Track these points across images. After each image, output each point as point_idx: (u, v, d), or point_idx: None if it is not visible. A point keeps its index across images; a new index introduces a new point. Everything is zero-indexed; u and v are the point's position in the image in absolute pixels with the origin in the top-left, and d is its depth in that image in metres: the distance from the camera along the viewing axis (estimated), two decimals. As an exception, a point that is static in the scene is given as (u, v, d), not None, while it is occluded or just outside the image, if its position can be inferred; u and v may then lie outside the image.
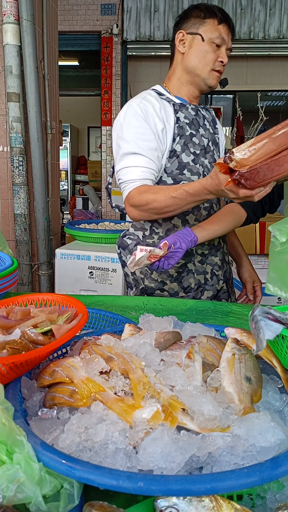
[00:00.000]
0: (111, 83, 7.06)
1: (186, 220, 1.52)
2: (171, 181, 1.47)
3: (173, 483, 0.47)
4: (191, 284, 1.57)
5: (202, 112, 1.58)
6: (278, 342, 0.70)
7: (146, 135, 1.40)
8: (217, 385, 0.69)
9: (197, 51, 1.45)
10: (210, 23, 1.43)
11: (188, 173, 1.48)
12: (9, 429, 0.54)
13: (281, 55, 6.98)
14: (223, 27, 1.44)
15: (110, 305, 1.39)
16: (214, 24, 1.43)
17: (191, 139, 1.49)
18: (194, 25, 1.45)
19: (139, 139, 1.39)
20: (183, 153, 1.47)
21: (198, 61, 1.46)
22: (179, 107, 1.50)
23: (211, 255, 1.59)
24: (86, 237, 2.89)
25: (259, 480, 0.48)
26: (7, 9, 2.57)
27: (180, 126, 1.47)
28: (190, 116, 1.51)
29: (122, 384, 0.66)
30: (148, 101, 1.45)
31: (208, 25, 1.43)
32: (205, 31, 1.43)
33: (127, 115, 1.43)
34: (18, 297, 1.01)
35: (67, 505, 0.50)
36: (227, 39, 1.45)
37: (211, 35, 1.43)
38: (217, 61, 1.45)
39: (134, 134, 1.40)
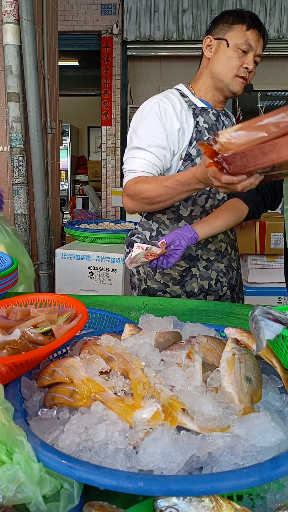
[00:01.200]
0: (111, 83, 7.06)
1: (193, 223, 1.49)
2: None
3: (173, 483, 0.47)
4: (194, 289, 1.57)
5: (222, 118, 1.56)
6: (278, 342, 0.70)
7: (158, 133, 1.41)
8: (217, 385, 0.69)
9: (221, 56, 1.44)
10: (238, 28, 1.41)
11: None
12: (9, 429, 0.54)
13: (281, 55, 6.98)
14: (252, 33, 1.41)
15: (110, 305, 1.39)
16: (242, 29, 1.41)
17: None
18: (222, 30, 1.44)
19: (150, 136, 1.41)
20: (198, 157, 1.46)
21: (222, 67, 1.45)
22: (199, 111, 1.49)
23: (217, 261, 1.57)
24: (86, 237, 2.89)
25: (259, 480, 0.48)
26: (7, 9, 2.57)
27: (198, 131, 1.47)
28: (210, 121, 1.50)
29: (122, 384, 0.66)
30: (169, 99, 1.45)
31: (235, 31, 1.41)
32: (232, 36, 1.42)
33: (145, 111, 1.45)
34: (18, 297, 1.01)
35: (67, 505, 0.50)
36: (255, 45, 1.42)
37: (237, 40, 1.41)
38: (242, 67, 1.43)
39: (147, 130, 1.42)
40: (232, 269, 1.64)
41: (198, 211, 1.51)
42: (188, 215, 1.51)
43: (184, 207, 1.51)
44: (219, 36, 1.45)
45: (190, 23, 6.63)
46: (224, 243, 1.58)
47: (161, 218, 1.55)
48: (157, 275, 1.57)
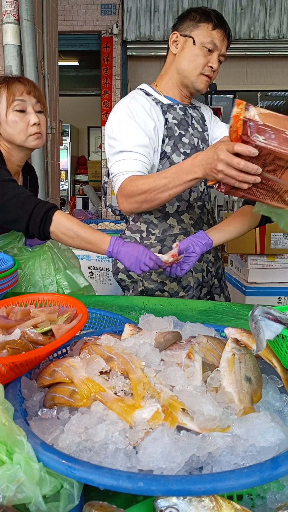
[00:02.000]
0: (111, 83, 7.06)
1: (181, 219, 1.53)
2: None
3: (173, 483, 0.47)
4: (190, 283, 1.58)
5: (190, 111, 1.58)
6: (278, 342, 0.70)
7: (137, 133, 1.40)
8: (217, 385, 0.69)
9: (187, 53, 1.45)
10: (204, 27, 1.42)
11: None
12: (9, 429, 0.54)
13: (281, 55, 6.98)
14: (218, 32, 1.43)
15: (110, 305, 1.39)
16: (208, 28, 1.42)
17: (181, 139, 1.49)
18: (188, 27, 1.45)
19: (130, 138, 1.39)
20: (173, 153, 1.48)
21: (187, 64, 1.46)
22: (167, 108, 1.50)
23: (206, 253, 1.59)
24: (86, 237, 2.88)
25: (259, 480, 0.48)
26: (7, 9, 2.57)
27: (169, 127, 1.48)
28: (178, 116, 1.51)
29: (122, 384, 0.66)
30: (137, 100, 1.46)
31: (201, 29, 1.43)
32: (198, 34, 1.43)
33: (117, 115, 1.44)
34: (18, 297, 1.01)
35: (67, 505, 0.50)
36: (220, 45, 1.44)
37: (203, 39, 1.42)
38: (207, 65, 1.44)
39: (125, 133, 1.41)
40: (219, 259, 1.69)
41: (184, 206, 1.52)
42: (175, 211, 1.51)
43: (170, 204, 1.50)
44: (186, 33, 1.45)
45: (190, 23, 6.63)
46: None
47: (149, 218, 1.54)
48: (153, 275, 1.57)
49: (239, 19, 6.62)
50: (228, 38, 1.47)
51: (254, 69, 7.27)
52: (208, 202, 1.63)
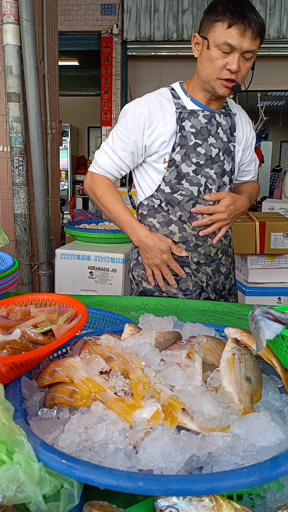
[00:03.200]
0: (111, 83, 7.06)
1: (183, 228, 1.50)
2: (168, 190, 1.47)
3: (173, 483, 0.47)
4: (189, 287, 1.56)
5: (219, 119, 1.49)
6: (278, 342, 0.70)
7: (128, 138, 1.46)
8: (217, 385, 0.69)
9: (204, 57, 1.37)
10: (219, 26, 1.30)
11: (187, 183, 1.46)
12: (9, 429, 0.54)
13: (281, 55, 6.98)
14: (235, 29, 1.28)
15: (110, 305, 1.39)
16: (223, 28, 1.29)
17: (195, 149, 1.45)
18: (206, 27, 1.35)
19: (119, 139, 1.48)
20: (183, 163, 1.44)
21: (205, 69, 1.38)
22: (187, 115, 1.44)
23: (205, 265, 1.56)
24: (86, 237, 2.89)
25: (259, 480, 0.48)
26: (7, 9, 2.57)
27: (183, 136, 1.44)
28: (198, 124, 1.45)
29: (122, 384, 0.66)
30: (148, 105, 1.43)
31: (216, 29, 1.31)
32: (212, 36, 1.32)
33: (123, 112, 1.49)
34: (18, 297, 1.01)
35: (67, 505, 0.50)
36: (237, 43, 1.29)
37: (217, 40, 1.30)
38: (225, 68, 1.33)
39: (118, 133, 1.49)
40: (220, 273, 1.61)
41: (187, 216, 1.49)
42: (178, 219, 1.50)
43: (172, 213, 1.49)
44: (204, 34, 1.36)
45: (190, 23, 6.62)
46: (214, 248, 1.55)
47: (151, 222, 1.54)
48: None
49: (239, 19, 6.60)
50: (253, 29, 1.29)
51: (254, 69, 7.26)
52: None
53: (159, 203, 1.50)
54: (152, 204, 1.51)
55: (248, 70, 1.40)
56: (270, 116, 6.92)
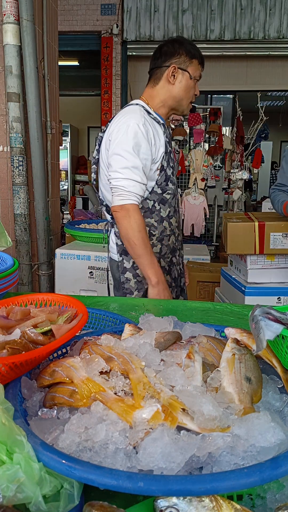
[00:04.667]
0: (111, 83, 7.06)
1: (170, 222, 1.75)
2: (160, 191, 1.68)
3: (173, 483, 0.47)
4: (175, 275, 1.83)
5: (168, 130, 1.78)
6: (278, 342, 0.70)
7: (147, 154, 1.58)
8: (217, 385, 0.69)
9: (184, 85, 1.69)
10: (195, 63, 1.69)
11: (170, 184, 1.72)
12: (9, 429, 0.54)
13: (281, 55, 6.99)
14: (200, 65, 1.71)
15: (110, 305, 1.39)
16: (197, 64, 1.69)
17: (170, 155, 1.72)
18: (185, 62, 1.68)
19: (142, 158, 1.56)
20: (167, 167, 1.69)
21: (183, 94, 1.70)
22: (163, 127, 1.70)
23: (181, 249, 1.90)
24: (86, 237, 2.89)
25: (259, 480, 0.48)
26: (7, 9, 2.57)
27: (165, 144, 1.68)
28: (168, 134, 1.75)
29: (122, 384, 0.66)
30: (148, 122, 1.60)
31: (194, 65, 1.69)
32: (192, 70, 1.68)
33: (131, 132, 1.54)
34: (18, 297, 1.01)
35: (67, 505, 0.50)
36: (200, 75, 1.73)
37: (195, 73, 1.70)
38: (194, 95, 1.73)
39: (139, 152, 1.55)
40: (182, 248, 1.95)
41: (172, 212, 1.75)
42: (167, 215, 1.73)
43: (163, 210, 1.72)
44: (182, 67, 1.68)
45: (190, 23, 6.62)
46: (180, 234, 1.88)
47: (150, 222, 1.71)
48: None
49: (239, 19, 6.62)
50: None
51: (254, 69, 7.27)
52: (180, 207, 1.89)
53: (152, 204, 1.69)
54: (147, 205, 1.69)
55: None
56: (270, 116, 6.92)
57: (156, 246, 1.75)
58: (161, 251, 1.76)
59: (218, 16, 6.61)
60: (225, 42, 6.69)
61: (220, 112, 6.65)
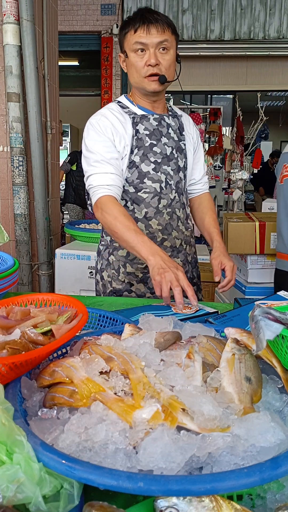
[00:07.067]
0: (111, 83, 7.06)
1: (149, 224, 1.57)
2: (132, 189, 1.55)
3: (173, 483, 0.47)
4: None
5: (168, 120, 1.60)
6: (278, 342, 0.70)
7: (108, 147, 1.49)
8: (217, 385, 0.69)
9: (129, 67, 1.51)
10: (128, 36, 1.46)
11: (149, 181, 1.55)
12: (9, 429, 0.54)
13: (281, 55, 6.98)
14: (140, 30, 1.43)
15: (110, 305, 1.39)
16: (131, 34, 1.44)
17: (152, 149, 1.55)
18: (122, 43, 1.51)
19: (103, 151, 1.48)
20: (142, 163, 1.54)
21: (132, 75, 1.51)
22: (140, 119, 1.55)
23: (173, 257, 1.62)
24: (86, 237, 2.89)
25: (259, 480, 0.48)
26: (7, 9, 2.57)
27: (139, 138, 1.54)
28: (151, 127, 1.56)
29: (122, 384, 0.66)
30: (106, 117, 1.52)
31: (127, 39, 1.47)
32: (127, 46, 1.48)
33: (90, 131, 1.52)
34: (18, 297, 1.01)
35: (67, 505, 0.50)
36: (147, 40, 1.42)
37: (130, 47, 1.46)
38: (146, 65, 1.46)
39: (98, 146, 1.49)
40: (188, 263, 1.70)
41: (152, 212, 1.56)
42: (143, 217, 1.57)
43: (138, 210, 1.56)
44: (123, 50, 1.51)
45: (190, 23, 6.62)
46: (178, 240, 1.63)
47: None
48: (121, 275, 1.62)
49: (239, 19, 6.62)
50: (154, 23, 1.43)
51: (254, 69, 7.27)
52: (180, 209, 1.63)
53: (125, 203, 1.57)
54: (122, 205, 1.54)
55: (170, 62, 1.49)
56: (270, 116, 6.93)
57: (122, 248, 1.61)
58: (128, 255, 1.60)
59: (218, 16, 6.62)
60: (225, 42, 6.70)
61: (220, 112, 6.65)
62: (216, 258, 1.52)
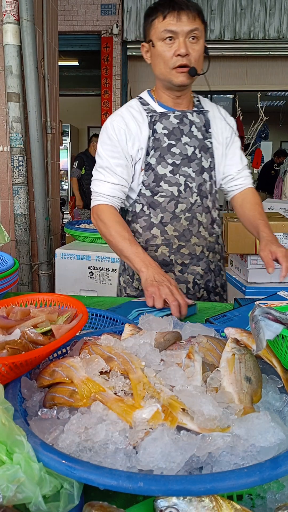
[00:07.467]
0: (111, 83, 7.06)
1: (165, 230, 1.50)
2: (149, 193, 1.49)
3: (173, 483, 0.47)
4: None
5: (191, 117, 1.50)
6: (278, 342, 0.70)
7: (116, 152, 1.46)
8: (217, 385, 0.69)
9: (154, 57, 1.40)
10: (156, 23, 1.36)
11: (166, 184, 1.48)
12: (9, 429, 0.54)
13: (281, 55, 6.99)
14: (170, 17, 1.32)
15: (110, 305, 1.38)
16: (159, 21, 1.34)
17: (169, 150, 1.47)
18: (147, 31, 1.41)
19: (110, 157, 1.46)
20: (159, 165, 1.47)
21: (158, 67, 1.41)
22: (159, 117, 1.47)
23: (192, 265, 1.55)
24: (86, 237, 2.89)
25: (259, 480, 0.48)
26: (7, 9, 2.57)
27: (156, 139, 1.46)
28: (170, 125, 1.47)
29: (122, 384, 0.66)
30: (122, 117, 1.47)
31: (155, 27, 1.36)
32: (153, 34, 1.37)
33: (103, 133, 1.50)
34: (18, 297, 1.01)
35: (67, 505, 0.50)
36: (177, 27, 1.32)
37: (158, 35, 1.35)
38: (174, 56, 1.35)
39: (106, 152, 1.47)
40: (211, 271, 1.59)
41: (168, 218, 1.50)
42: (159, 222, 1.50)
43: (154, 215, 1.50)
44: (148, 39, 1.41)
45: (190, 23, 6.62)
46: (199, 246, 1.53)
47: (135, 227, 1.54)
48: (134, 282, 1.59)
49: (239, 19, 6.62)
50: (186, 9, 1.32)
51: (254, 69, 7.28)
52: (202, 213, 1.53)
53: (141, 207, 1.51)
54: (135, 209, 1.53)
55: (199, 53, 1.38)
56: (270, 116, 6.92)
57: None
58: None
59: (218, 16, 6.62)
60: (225, 42, 6.70)
61: (220, 112, 6.64)
62: (264, 249, 1.39)
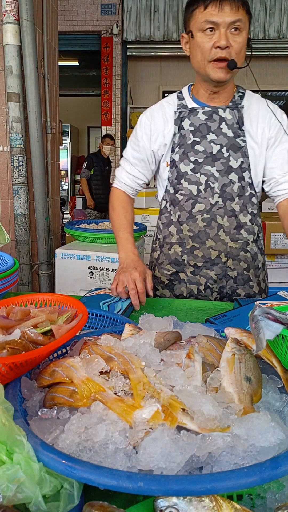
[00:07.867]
0: (111, 83, 7.06)
1: (180, 229, 1.51)
2: (172, 190, 1.51)
3: (173, 483, 0.47)
4: (183, 293, 1.57)
5: (222, 113, 1.42)
6: (278, 342, 0.70)
7: (137, 145, 1.54)
8: (217, 385, 0.69)
9: (193, 49, 1.34)
10: (196, 13, 1.28)
11: (186, 182, 1.45)
12: (9, 429, 0.54)
13: (281, 55, 7.00)
14: (212, 7, 1.25)
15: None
16: (200, 11, 1.27)
17: (193, 147, 1.42)
18: (187, 21, 1.34)
19: (131, 149, 1.57)
20: (182, 162, 1.44)
21: (196, 58, 1.34)
22: (187, 113, 1.44)
23: (205, 268, 1.51)
24: (86, 237, 2.89)
25: (259, 480, 0.48)
26: (7, 9, 2.57)
27: (182, 135, 1.44)
28: (197, 122, 1.42)
29: (122, 384, 0.66)
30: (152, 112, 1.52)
31: (195, 17, 1.29)
32: (193, 24, 1.30)
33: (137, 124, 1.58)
34: (18, 297, 1.01)
35: (67, 505, 0.50)
36: (219, 18, 1.25)
37: (198, 25, 1.28)
38: (213, 48, 1.28)
39: (131, 142, 1.58)
40: (228, 278, 1.52)
41: (185, 217, 1.48)
42: (177, 220, 1.50)
43: (173, 212, 1.51)
44: (188, 29, 1.35)
45: (190, 23, 6.62)
46: (215, 251, 1.48)
47: (158, 223, 1.63)
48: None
49: (239, 19, 6.61)
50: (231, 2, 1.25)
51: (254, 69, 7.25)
52: (224, 216, 1.45)
53: (165, 204, 1.55)
54: (161, 205, 1.59)
55: (241, 46, 1.31)
56: (270, 116, 6.91)
57: (156, 251, 1.59)
58: (159, 258, 1.58)
59: (218, 16, 6.61)
60: (225, 42, 6.69)
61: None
62: None
